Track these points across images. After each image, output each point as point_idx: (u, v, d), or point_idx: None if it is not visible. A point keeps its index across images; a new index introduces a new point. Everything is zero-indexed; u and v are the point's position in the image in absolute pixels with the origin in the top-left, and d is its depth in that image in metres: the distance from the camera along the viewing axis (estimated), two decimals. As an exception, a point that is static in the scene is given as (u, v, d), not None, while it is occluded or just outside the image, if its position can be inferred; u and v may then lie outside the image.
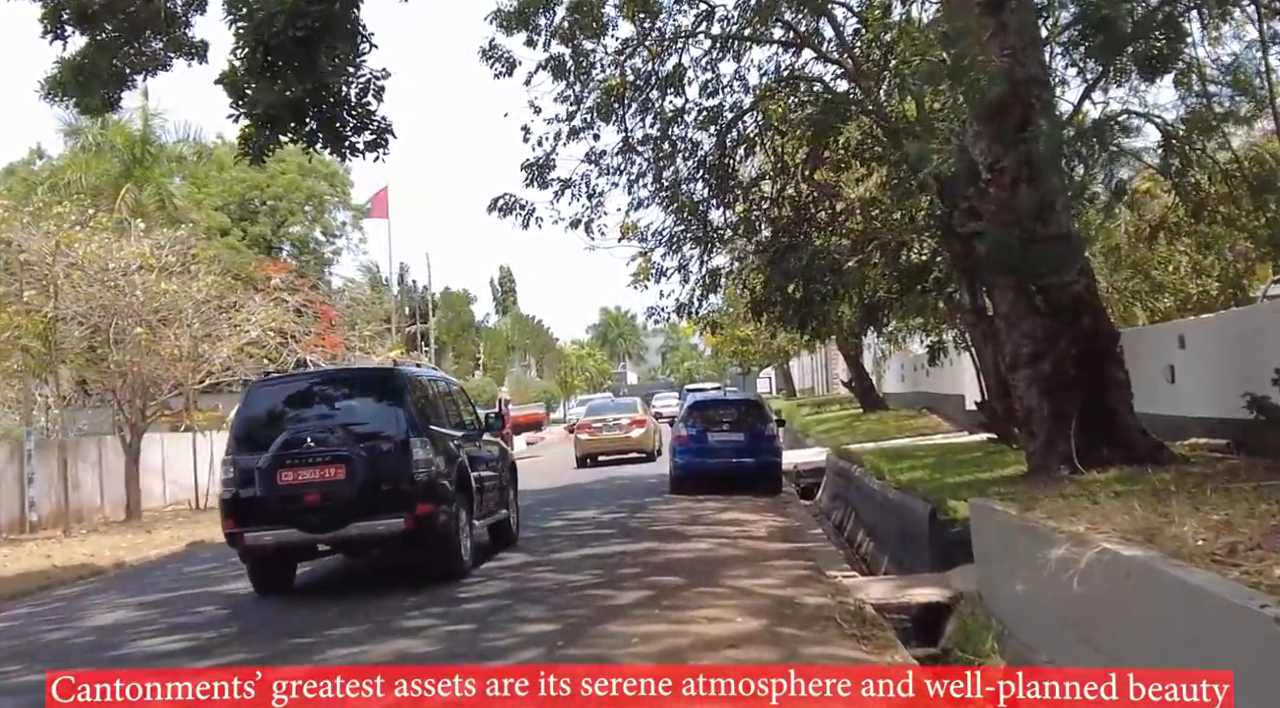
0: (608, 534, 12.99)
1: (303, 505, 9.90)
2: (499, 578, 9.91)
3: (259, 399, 11.14)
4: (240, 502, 10.26)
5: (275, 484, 9.97)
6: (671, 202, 17.45)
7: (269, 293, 27.37)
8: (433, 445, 10.39)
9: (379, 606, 8.84)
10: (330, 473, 9.98)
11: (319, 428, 10.33)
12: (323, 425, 10.40)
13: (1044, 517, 6.51)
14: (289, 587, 10.74)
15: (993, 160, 10.92)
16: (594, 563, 10.48)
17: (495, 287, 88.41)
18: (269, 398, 11.12)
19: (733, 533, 12.62)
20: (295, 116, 9.64)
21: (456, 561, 10.44)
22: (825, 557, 10.54)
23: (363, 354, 37.92)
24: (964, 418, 25.17)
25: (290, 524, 9.95)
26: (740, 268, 18.19)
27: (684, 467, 18.17)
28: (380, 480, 10.00)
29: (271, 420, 10.59)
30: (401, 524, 9.92)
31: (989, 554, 7.80)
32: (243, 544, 10.25)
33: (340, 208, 47.26)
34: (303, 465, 10.02)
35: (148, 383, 22.58)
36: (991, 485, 10.96)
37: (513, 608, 8.41)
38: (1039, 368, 10.87)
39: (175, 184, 38.54)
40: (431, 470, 10.24)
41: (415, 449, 10.14)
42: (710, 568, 9.77)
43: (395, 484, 10.04)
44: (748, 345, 43.09)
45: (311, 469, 10.02)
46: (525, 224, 15.85)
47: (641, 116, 16.73)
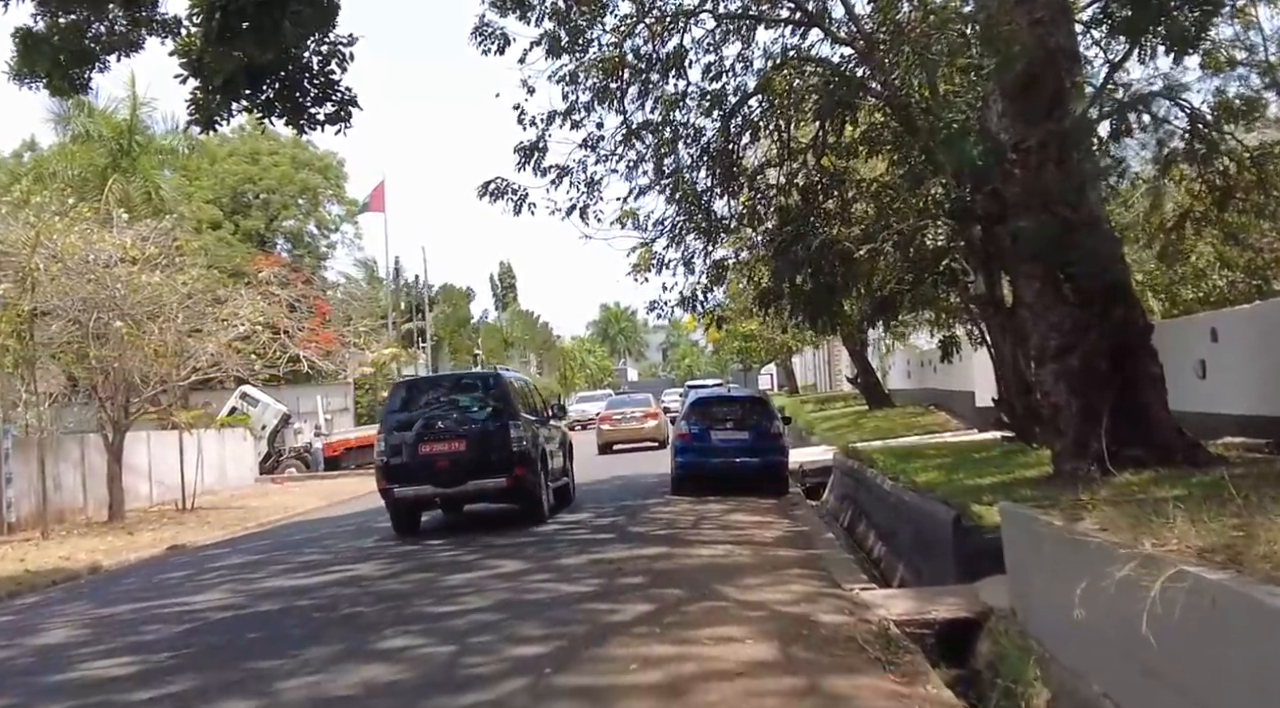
0: (606, 539, 12.24)
1: (435, 469, 13.97)
2: (488, 590, 9.13)
3: (402, 393, 15.42)
4: (392, 467, 14.29)
5: (417, 454, 14.08)
6: (674, 190, 16.70)
7: (259, 287, 26.63)
8: (523, 428, 14.35)
9: (357, 623, 8.08)
10: (455, 446, 14.14)
11: (447, 414, 14.56)
12: (449, 412, 14.60)
13: (1097, 529, 5.74)
14: (417, 529, 14.72)
15: (1019, 140, 10.18)
16: (592, 571, 9.72)
17: (495, 282, 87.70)
18: (410, 391, 15.45)
19: (738, 538, 11.87)
20: (251, 83, 8.81)
21: (540, 509, 14.59)
22: (839, 565, 9.77)
23: (358, 350, 37.30)
24: (974, 416, 24.47)
25: (426, 482, 14.06)
26: (746, 259, 17.42)
27: (686, 466, 17.37)
28: (489, 452, 14.01)
29: (412, 407, 14.73)
30: (504, 482, 14.05)
31: (1025, 567, 7.04)
32: (393, 497, 14.38)
33: (335, 201, 46.51)
34: (436, 441, 14.17)
35: (131, 379, 21.77)
36: (1016, 488, 10.23)
37: (500, 625, 7.64)
38: (1067, 362, 10.13)
39: (166, 177, 37.82)
40: (523, 445, 14.19)
41: (512, 430, 14.14)
42: (715, 578, 9.01)
43: (499, 454, 13.99)
44: (751, 342, 42.43)
45: (442, 443, 14.17)
46: (517, 210, 15.09)
47: (641, 100, 15.98)
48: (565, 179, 16.04)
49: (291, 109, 9.22)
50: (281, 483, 30.68)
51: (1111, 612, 5.05)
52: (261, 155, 43.25)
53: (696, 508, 15.09)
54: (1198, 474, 9.13)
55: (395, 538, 14.19)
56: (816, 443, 26.12)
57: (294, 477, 32.26)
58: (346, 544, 14.09)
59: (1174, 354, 11.86)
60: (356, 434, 34.62)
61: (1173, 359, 11.55)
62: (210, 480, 28.85)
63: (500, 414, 14.39)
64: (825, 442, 25.79)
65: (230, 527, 20.48)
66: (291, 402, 36.32)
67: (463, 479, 14.00)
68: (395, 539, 14.02)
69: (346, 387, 39.42)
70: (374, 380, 39.39)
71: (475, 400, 14.90)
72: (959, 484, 11.27)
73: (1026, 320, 10.59)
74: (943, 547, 9.18)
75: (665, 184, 16.27)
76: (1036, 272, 10.22)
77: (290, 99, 9.12)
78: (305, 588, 10.10)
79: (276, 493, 27.83)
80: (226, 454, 30.57)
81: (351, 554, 12.75)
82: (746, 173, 16.88)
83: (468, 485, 14.12)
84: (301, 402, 37.05)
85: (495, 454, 14.01)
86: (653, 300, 17.15)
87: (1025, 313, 10.55)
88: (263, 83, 8.90)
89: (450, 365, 53.28)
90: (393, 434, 14.50)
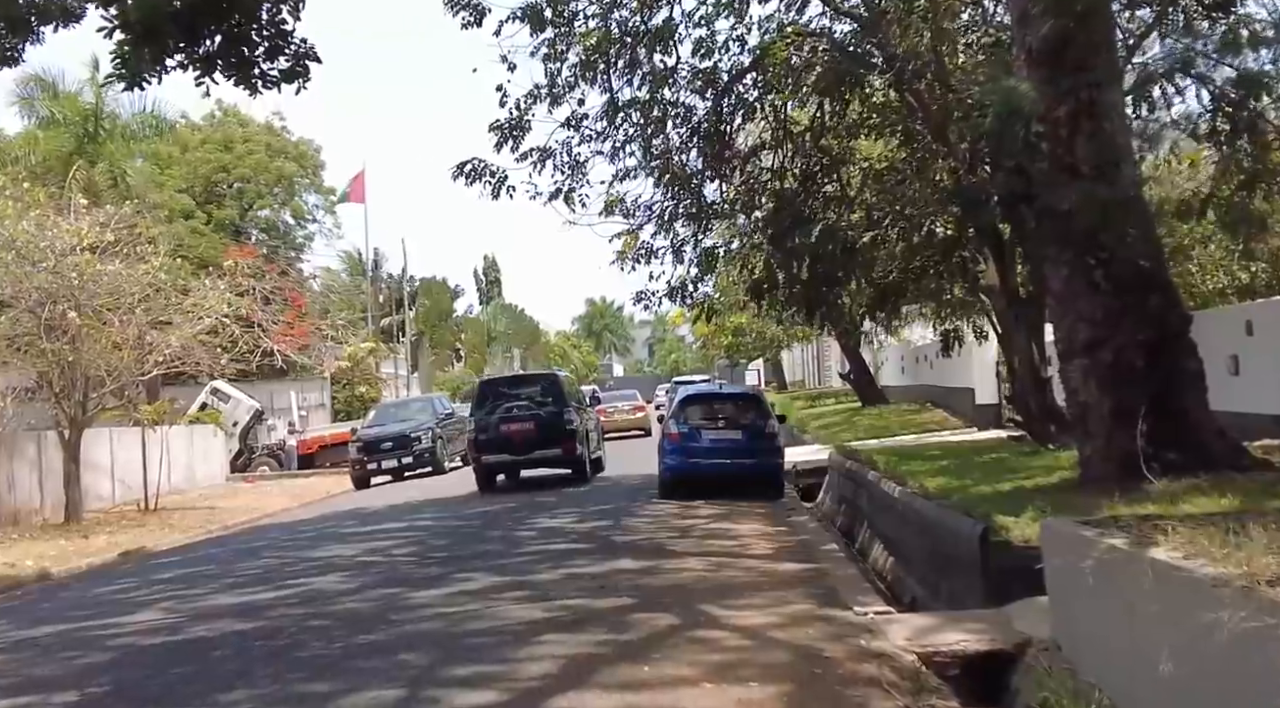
0: (586, 549, 11.17)
1: (513, 442, 19.48)
2: (456, 613, 8.04)
3: (486, 388, 21.79)
4: (481, 441, 19.85)
5: (499, 432, 19.60)
6: (662, 173, 15.69)
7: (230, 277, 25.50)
8: (572, 413, 19.95)
9: (297, 656, 6.97)
10: (526, 426, 19.57)
11: (519, 402, 20.10)
12: (521, 401, 20.15)
13: (1176, 554, 4.74)
14: (494, 487, 19.99)
15: (1045, 110, 9.17)
16: (571, 589, 8.68)
17: (480, 277, 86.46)
18: (491, 387, 21.83)
19: (732, 549, 10.83)
20: (186, 35, 7.68)
21: (584, 472, 20.24)
22: (846, 583, 8.75)
23: (335, 344, 36.12)
24: (974, 413, 23.55)
25: (505, 452, 19.68)
26: (739, 247, 16.42)
27: (674, 469, 16.21)
28: (550, 430, 19.45)
29: (494, 398, 20.48)
30: (560, 452, 19.57)
31: (1074, 594, 6.03)
32: (481, 463, 19.92)
33: (311, 190, 45.15)
34: (512, 422, 19.63)
35: (88, 374, 20.60)
36: (1040, 495, 9.24)
37: (469, 657, 6.59)
38: (1098, 356, 9.14)
39: (137, 165, 36.57)
40: (574, 426, 19.76)
41: (566, 414, 19.73)
42: (708, 599, 7.99)
43: (556, 432, 19.48)
44: (740, 337, 41.49)
45: (517, 423, 19.62)
46: (495, 193, 14.07)
47: (628, 76, 14.96)
48: (547, 161, 15.03)
49: (238, 65, 8.08)
50: (253, 482, 29.55)
51: (1201, 656, 4.07)
52: (235, 143, 41.89)
53: (686, 514, 14.06)
54: (1243, 481, 8.23)
55: (363, 545, 13.11)
56: (809, 442, 25.12)
57: (266, 475, 31.11)
58: (309, 552, 13.00)
59: (1202, 349, 10.87)
60: (332, 431, 33.47)
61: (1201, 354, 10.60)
62: (178, 479, 27.74)
63: (556, 403, 19.99)
64: (818, 440, 24.81)
65: (192, 530, 19.43)
66: (265, 397, 35.14)
67: (530, 450, 19.62)
68: (363, 547, 12.91)
69: (323, 382, 38.23)
70: (351, 375, 38.20)
71: (538, 393, 20.50)
72: (974, 490, 10.28)
73: (1052, 310, 9.60)
74: (966, 564, 8.17)
75: (653, 166, 15.30)
76: (1065, 256, 9.22)
77: (236, 53, 7.98)
78: (252, 607, 9.01)
79: (246, 493, 26.72)
80: (195, 452, 29.42)
81: (312, 565, 11.66)
82: (740, 155, 15.90)
83: (534, 454, 19.73)
84: (276, 397, 35.88)
85: (553, 432, 19.56)
86: (639, 291, 16.13)
87: (1051, 302, 9.55)
88: (201, 33, 7.79)
89: (430, 361, 52.31)
90: (481, 419, 19.98)
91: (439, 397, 33.82)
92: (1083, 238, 9.08)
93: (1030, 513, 8.38)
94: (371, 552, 12.24)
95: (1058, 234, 9.23)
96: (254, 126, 42.93)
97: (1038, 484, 10.18)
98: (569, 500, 16.87)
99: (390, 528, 14.78)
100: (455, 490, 20.40)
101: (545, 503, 16.52)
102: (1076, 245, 9.13)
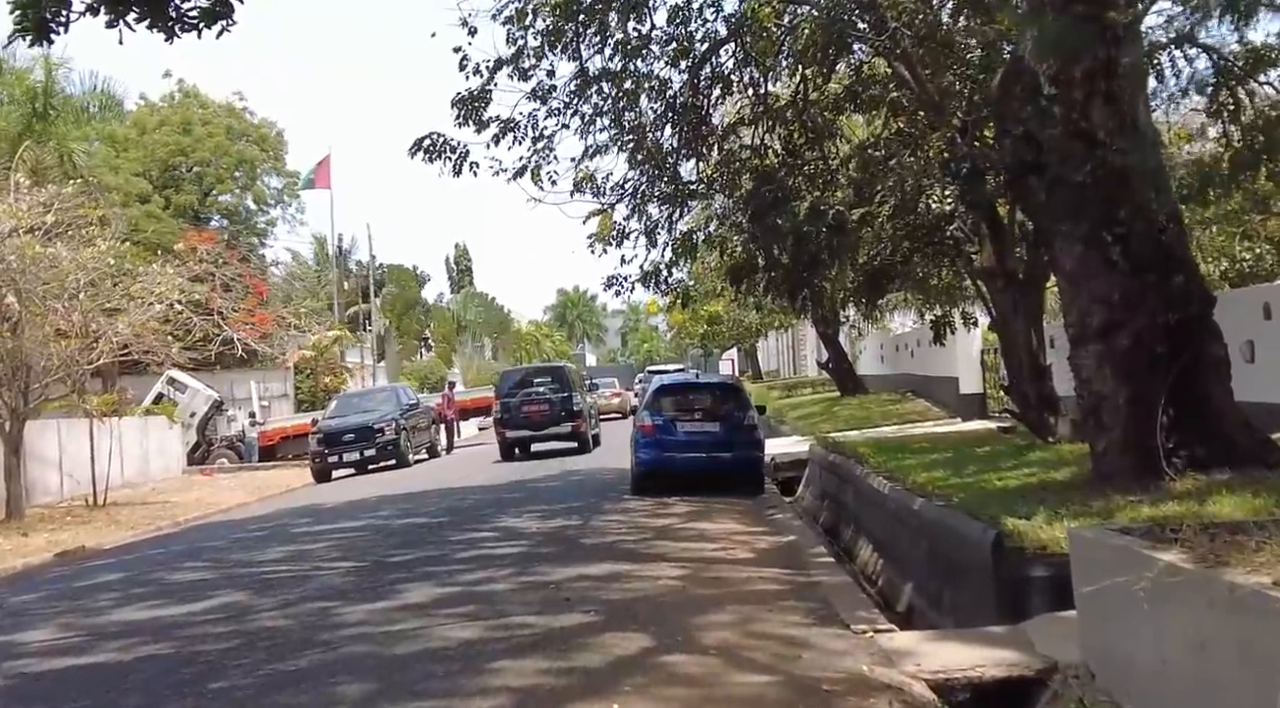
0: (550, 554, 10.19)
1: (532, 420, 24.39)
2: (393, 633, 7.09)
3: (508, 376, 27.59)
4: (505, 419, 24.75)
5: (520, 412, 24.47)
6: (635, 150, 14.74)
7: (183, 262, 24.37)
8: (579, 397, 25.12)
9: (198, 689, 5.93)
10: (543, 407, 24.43)
11: (536, 387, 25.00)
12: (538, 387, 25.02)
13: (1263, 579, 3.88)
14: (515, 457, 24.63)
15: (1058, 70, 8.31)
16: (526, 603, 7.72)
17: (450, 265, 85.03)
18: (513, 375, 27.52)
19: (711, 553, 9.91)
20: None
21: (586, 445, 25.15)
22: (839, 594, 7.84)
23: (298, 332, 34.97)
24: (958, 403, 22.79)
25: (525, 428, 24.56)
26: (717, 229, 15.50)
27: (648, 463, 15.24)
28: (561, 410, 24.34)
29: (516, 384, 25.60)
30: (569, 429, 24.47)
31: (1110, 613, 5.17)
32: (505, 437, 24.88)
33: (274, 174, 43.73)
34: (531, 404, 24.48)
35: (30, 362, 19.46)
36: (1048, 493, 8.43)
37: (402, 692, 5.65)
38: (1114, 341, 8.31)
39: (93, 148, 35.22)
40: (580, 407, 24.89)
41: (574, 398, 24.75)
42: (685, 614, 7.09)
43: (567, 413, 24.40)
44: (716, 325, 40.63)
45: (535, 405, 24.47)
46: (457, 170, 13.10)
47: (600, 45, 13.98)
48: (511, 135, 14.04)
49: (152, 5, 7.08)
50: (210, 475, 28.45)
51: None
52: (194, 125, 40.40)
53: (660, 512, 13.16)
54: (1275, 479, 7.43)
55: (310, 546, 12.12)
56: (788, 433, 24.30)
57: (225, 468, 29.99)
58: (252, 554, 11.98)
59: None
60: (294, 422, 32.32)
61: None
62: (131, 472, 26.65)
63: (565, 388, 25.23)
64: (797, 431, 24.00)
65: (140, 526, 18.41)
66: (226, 388, 34.00)
67: (545, 426, 24.75)
68: (310, 549, 11.91)
69: (286, 372, 37.06)
70: (315, 365, 37.00)
71: (550, 381, 25.67)
72: (974, 487, 9.43)
73: (1064, 292, 8.74)
74: (974, 572, 7.31)
75: (626, 141, 14.33)
76: (1079, 231, 8.37)
77: (150, -8, 6.97)
78: (172, 624, 8.01)
79: (202, 486, 25.67)
80: (150, 444, 28.29)
81: (250, 570, 10.64)
82: (717, 132, 14.98)
83: (548, 429, 24.80)
84: (236, 387, 34.72)
85: (564, 412, 24.74)
86: (610, 275, 15.15)
87: (1062, 282, 8.70)
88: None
89: (398, 350, 51.17)
90: (505, 400, 25.25)
91: (403, 386, 32.76)
92: (1099, 211, 8.25)
93: (1042, 514, 7.54)
94: (318, 555, 11.23)
95: (1071, 207, 8.38)
96: (214, 108, 41.53)
97: (1044, 481, 9.35)
98: (538, 496, 15.93)
99: (343, 527, 13.80)
100: (418, 485, 19.41)
101: (512, 500, 15.55)
102: (1092, 219, 8.30)
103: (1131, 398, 8.28)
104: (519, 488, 17.27)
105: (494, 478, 19.21)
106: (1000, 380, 21.10)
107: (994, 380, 21.67)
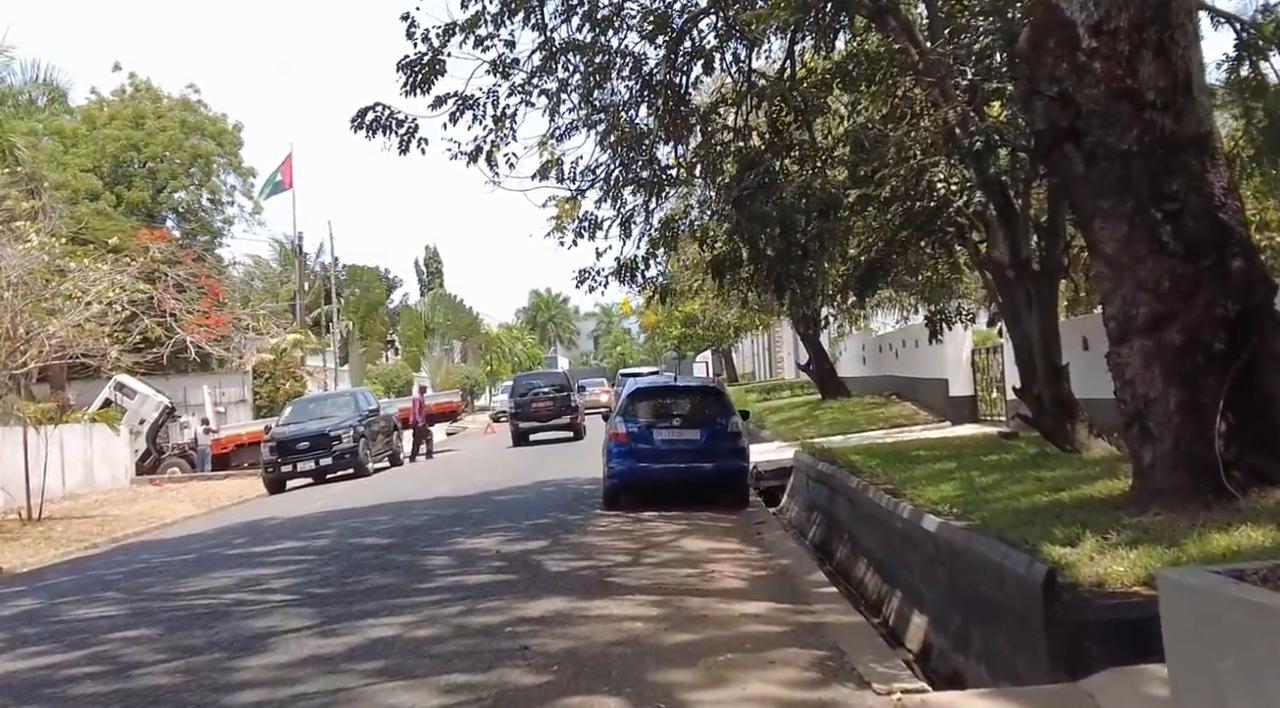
0: (506, 581, 8.86)
1: (539, 414, 31.62)
2: (308, 691, 5.78)
3: (520, 379, 35.98)
4: (517, 413, 31.89)
5: (530, 407, 31.73)
6: (608, 132, 13.51)
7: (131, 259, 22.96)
8: (575, 396, 32.84)
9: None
10: (547, 403, 31.69)
11: (542, 387, 32.81)
12: (543, 387, 32.84)
13: None
14: (526, 442, 30.97)
15: (1100, 19, 7.10)
16: (469, 656, 6.37)
17: (420, 267, 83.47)
18: (525, 379, 35.75)
19: (693, 581, 8.63)
20: None
21: (580, 435, 30.97)
22: (851, 638, 6.55)
23: (256, 335, 33.48)
24: (946, 406, 21.71)
25: (534, 420, 31.55)
26: (696, 218, 14.26)
27: (621, 476, 13.95)
28: (561, 405, 31.61)
29: (526, 385, 33.48)
30: (568, 421, 31.62)
31: (1226, 686, 3.93)
32: (517, 427, 31.58)
33: (230, 170, 42.07)
34: (538, 402, 31.82)
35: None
36: (1086, 512, 7.22)
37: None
38: (1164, 336, 7.10)
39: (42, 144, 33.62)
40: (575, 403, 32.29)
41: (572, 397, 32.30)
42: (665, 667, 5.82)
43: (565, 407, 31.61)
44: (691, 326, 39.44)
45: (541, 402, 31.80)
46: (404, 147, 11.82)
47: (566, 14, 12.73)
48: (471, 113, 12.76)
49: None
50: (160, 485, 26.94)
51: None
52: (146, 118, 38.70)
53: (636, 529, 11.87)
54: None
55: (240, 573, 10.75)
56: (769, 438, 23.08)
57: (176, 478, 28.45)
58: (169, 585, 10.49)
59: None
60: (249, 429, 30.79)
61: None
62: (75, 483, 25.15)
63: (564, 389, 32.04)
64: (779, 437, 22.82)
65: (73, 543, 17.04)
66: (179, 393, 32.44)
67: (549, 419, 31.14)
68: (238, 577, 10.52)
69: (244, 376, 35.51)
70: (274, 369, 35.45)
71: (553, 382, 33.07)
72: (995, 505, 8.21)
73: (1103, 279, 7.51)
74: (1016, 614, 6.08)
75: (597, 120, 13.07)
76: (1124, 209, 7.15)
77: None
78: (32, 680, 6.60)
79: (149, 498, 24.16)
80: (95, 453, 26.74)
81: (160, 607, 9.14)
82: (697, 113, 13.77)
83: (552, 421, 31.22)
84: (190, 393, 33.17)
85: (563, 407, 31.27)
86: (582, 269, 13.84)
87: (1102, 268, 7.46)
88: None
89: (361, 353, 49.60)
90: (518, 398, 32.05)
91: (363, 391, 31.28)
92: (1147, 184, 7.05)
93: (1090, 541, 6.34)
94: (245, 585, 9.82)
95: (1115, 181, 7.16)
96: (167, 102, 39.80)
97: (1075, 497, 8.13)
98: (503, 511, 14.58)
99: (283, 549, 12.40)
100: (375, 497, 18.01)
101: (474, 515, 14.18)
102: (1138, 194, 7.08)
103: (1184, 402, 7.09)
104: (483, 501, 15.88)
105: (459, 489, 17.77)
106: (993, 382, 20.05)
107: (986, 382, 20.58)
